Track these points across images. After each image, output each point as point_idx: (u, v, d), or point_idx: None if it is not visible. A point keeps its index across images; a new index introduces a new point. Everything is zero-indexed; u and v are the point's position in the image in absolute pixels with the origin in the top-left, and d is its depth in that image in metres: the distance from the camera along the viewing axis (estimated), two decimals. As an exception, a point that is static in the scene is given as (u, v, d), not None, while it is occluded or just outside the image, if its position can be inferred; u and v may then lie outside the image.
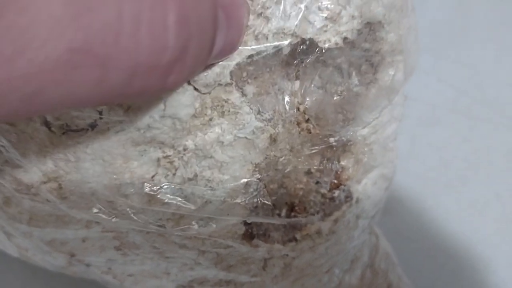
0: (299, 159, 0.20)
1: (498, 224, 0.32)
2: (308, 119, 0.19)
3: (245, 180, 0.18)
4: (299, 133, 0.19)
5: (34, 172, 0.17)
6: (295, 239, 0.21)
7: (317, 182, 0.21)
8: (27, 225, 0.19)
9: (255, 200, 0.19)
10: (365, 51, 0.19)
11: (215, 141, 0.17)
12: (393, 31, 0.20)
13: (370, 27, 0.19)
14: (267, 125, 0.18)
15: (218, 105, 0.17)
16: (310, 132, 0.20)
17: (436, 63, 0.37)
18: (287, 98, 0.19)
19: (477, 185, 0.33)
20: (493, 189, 0.33)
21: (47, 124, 0.16)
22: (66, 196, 0.18)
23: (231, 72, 0.16)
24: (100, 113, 0.16)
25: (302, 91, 0.18)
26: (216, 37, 0.13)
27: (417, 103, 0.34)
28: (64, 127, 0.16)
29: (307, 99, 0.18)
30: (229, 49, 0.15)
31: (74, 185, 0.17)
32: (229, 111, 0.17)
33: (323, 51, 0.17)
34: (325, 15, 0.17)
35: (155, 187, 0.17)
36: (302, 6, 0.16)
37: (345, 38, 0.18)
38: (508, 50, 0.37)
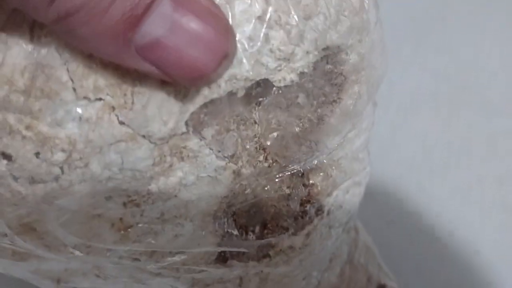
0: (268, 186, 0.20)
1: (480, 208, 0.33)
2: (274, 148, 0.20)
3: (213, 212, 0.19)
4: (265, 159, 0.20)
5: (9, 219, 0.18)
6: (269, 256, 0.22)
7: (288, 199, 0.21)
8: (10, 259, 0.20)
9: (226, 228, 0.20)
10: (328, 72, 0.20)
11: (178, 184, 0.18)
12: (354, 52, 0.20)
13: (328, 58, 0.19)
14: (229, 162, 0.18)
15: (176, 152, 0.17)
16: (277, 156, 0.20)
17: (416, 50, 0.36)
18: (251, 128, 0.19)
19: (459, 170, 0.34)
20: (475, 173, 0.33)
21: (14, 178, 0.17)
22: (43, 237, 0.19)
23: (186, 122, 0.17)
24: (61, 168, 0.16)
25: (263, 130, 0.18)
26: None
27: (398, 91, 0.34)
28: (30, 180, 0.17)
29: (269, 136, 0.19)
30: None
31: (48, 230, 0.18)
32: (188, 155, 0.17)
33: (280, 91, 0.18)
34: (277, 56, 0.17)
35: (124, 228, 0.18)
36: (254, 50, 0.16)
37: (301, 73, 0.18)
38: (487, 36, 0.36)
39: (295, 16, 0.17)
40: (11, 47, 0.15)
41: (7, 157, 0.16)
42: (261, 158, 0.20)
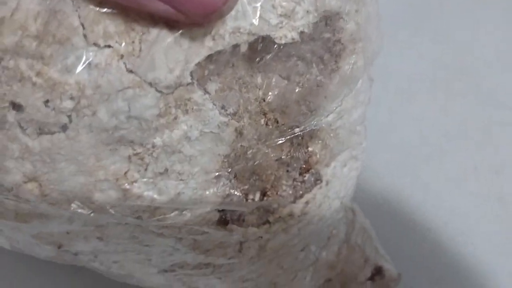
0: (267, 150, 0.21)
1: (476, 197, 0.34)
2: (274, 109, 0.20)
3: (215, 171, 0.20)
4: (266, 124, 0.20)
5: (15, 173, 0.18)
6: (269, 222, 0.22)
7: (288, 168, 0.22)
8: (14, 221, 0.21)
9: (228, 189, 0.20)
10: (326, 40, 0.20)
11: (182, 137, 0.18)
12: (352, 21, 0.20)
13: (327, 20, 0.19)
14: (232, 119, 0.19)
15: (181, 104, 0.18)
16: (277, 122, 0.21)
17: (413, 37, 0.37)
18: (252, 91, 0.20)
19: (455, 158, 0.34)
20: (471, 161, 0.34)
21: (22, 129, 0.17)
22: (47, 194, 0.19)
23: (191, 72, 0.17)
24: (69, 117, 0.17)
25: (264, 86, 0.19)
26: None
27: (395, 77, 0.35)
28: (37, 131, 0.17)
29: (270, 93, 0.19)
30: None
31: (52, 184, 0.18)
32: (192, 108, 0.18)
33: (281, 47, 0.18)
34: (279, 12, 0.18)
35: (128, 182, 0.18)
36: (257, 5, 0.17)
37: (301, 33, 0.19)
38: (484, 24, 0.37)
39: (296, -25, 0.18)
40: (25, -7, 0.16)
41: (16, 106, 0.17)
42: (262, 122, 0.20)
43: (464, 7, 0.38)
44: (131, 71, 0.16)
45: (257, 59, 0.18)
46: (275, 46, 0.18)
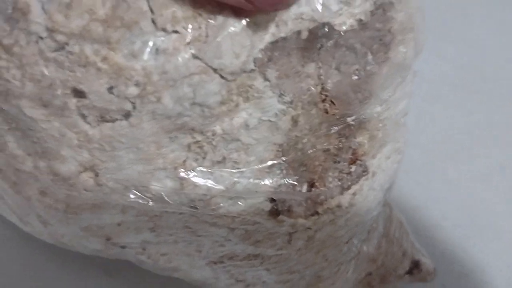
0: (318, 139, 0.21)
1: (502, 193, 0.34)
2: (324, 99, 0.20)
3: (270, 160, 0.20)
4: (317, 113, 0.20)
5: (70, 163, 0.18)
6: (317, 213, 0.22)
7: (335, 158, 0.22)
8: (63, 213, 0.20)
9: (280, 179, 0.20)
10: (378, 31, 0.20)
11: (242, 125, 0.18)
12: (403, 10, 0.20)
13: (383, 8, 0.19)
14: (289, 107, 0.19)
15: (243, 91, 0.18)
16: (327, 112, 0.21)
17: (436, 41, 0.38)
18: (304, 81, 0.20)
19: (480, 156, 0.35)
20: (497, 160, 0.35)
21: (82, 116, 0.17)
22: (103, 183, 0.19)
23: (254, 59, 0.17)
24: (133, 104, 0.17)
25: (324, 73, 0.19)
26: None
27: (419, 80, 0.35)
28: (99, 118, 0.17)
29: (329, 81, 0.19)
30: None
31: (110, 173, 0.18)
32: (253, 96, 0.18)
33: (342, 33, 0.18)
34: (340, -1, 0.18)
35: (186, 171, 0.18)
36: (319, -9, 0.17)
37: (359, 20, 0.19)
38: (506, 26, 0.38)
39: (355, -37, 0.18)
40: (95, -23, 0.16)
41: (79, 93, 0.17)
42: (314, 111, 0.20)
43: (485, 10, 0.39)
44: (197, 57, 0.16)
45: (318, 45, 0.18)
46: (335, 33, 0.18)
